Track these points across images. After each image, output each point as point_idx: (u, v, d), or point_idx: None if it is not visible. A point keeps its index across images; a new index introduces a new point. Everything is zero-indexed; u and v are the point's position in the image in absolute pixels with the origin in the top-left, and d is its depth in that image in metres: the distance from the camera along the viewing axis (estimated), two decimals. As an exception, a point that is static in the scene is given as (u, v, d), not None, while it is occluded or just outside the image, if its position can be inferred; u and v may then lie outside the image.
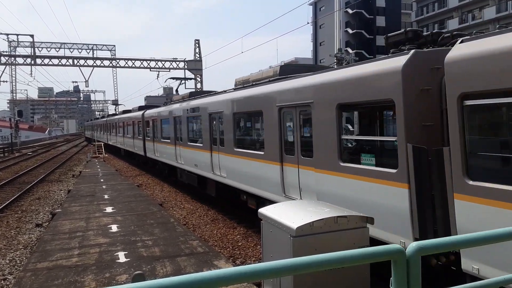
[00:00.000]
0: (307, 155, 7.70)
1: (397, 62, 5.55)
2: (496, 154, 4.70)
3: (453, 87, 4.73)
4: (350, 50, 58.40)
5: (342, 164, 6.63)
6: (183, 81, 22.67)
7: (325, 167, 7.04)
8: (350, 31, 61.03)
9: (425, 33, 6.39)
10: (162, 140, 18.57)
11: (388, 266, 1.91)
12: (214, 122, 12.14)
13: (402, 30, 6.57)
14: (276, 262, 1.71)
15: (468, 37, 5.06)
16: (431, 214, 5.12)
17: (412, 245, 1.82)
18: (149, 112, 21.60)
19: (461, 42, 4.91)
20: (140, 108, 26.46)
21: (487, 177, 4.50)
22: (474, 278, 4.44)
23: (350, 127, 9.76)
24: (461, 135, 4.64)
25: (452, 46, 5.07)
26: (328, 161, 6.96)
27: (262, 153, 9.22)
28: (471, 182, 4.56)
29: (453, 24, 53.55)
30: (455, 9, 54.16)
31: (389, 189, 5.66)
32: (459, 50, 4.77)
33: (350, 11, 60.11)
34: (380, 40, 60.71)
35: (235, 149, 10.60)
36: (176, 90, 21.08)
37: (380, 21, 61.13)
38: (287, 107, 8.21)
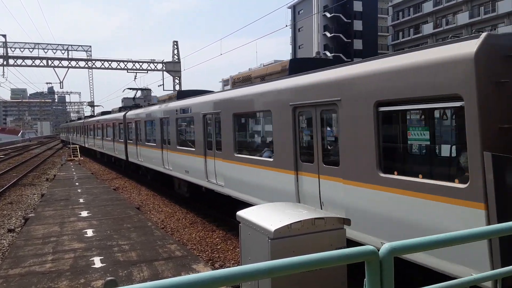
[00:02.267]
0: (331, 162, 6.49)
1: (467, 47, 4.41)
2: None
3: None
4: (328, 54, 59.13)
5: (382, 175, 5.38)
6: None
7: (358, 179, 5.79)
8: (328, 34, 61.76)
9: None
10: (146, 143, 17.37)
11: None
12: (209, 124, 10.94)
13: None
14: (253, 265, 1.71)
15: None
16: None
17: (385, 246, 1.85)
18: (132, 113, 20.02)
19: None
20: (121, 109, 25.10)
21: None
22: (444, 276, 4.54)
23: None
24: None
25: None
26: (362, 170, 5.70)
27: (271, 160, 8.04)
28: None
29: (427, 28, 54.97)
30: (429, 14, 55.59)
31: (455, 209, 4.48)
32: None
33: (328, 14, 60.85)
34: (358, 44, 61.72)
35: (235, 155, 9.39)
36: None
37: (357, 25, 62.10)
38: (304, 106, 7.02)
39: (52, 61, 36.99)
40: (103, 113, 32.54)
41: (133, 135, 19.43)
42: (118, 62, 38.59)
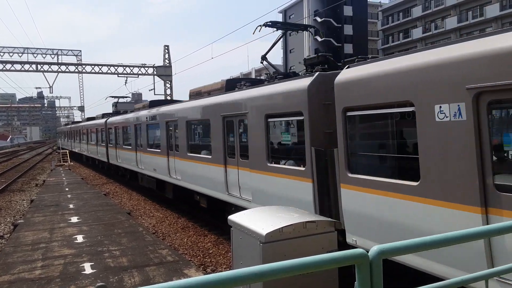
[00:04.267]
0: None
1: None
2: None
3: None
4: (319, 58, 59.38)
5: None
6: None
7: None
8: (319, 39, 62.14)
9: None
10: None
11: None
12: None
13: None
14: (244, 270, 1.71)
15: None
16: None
17: (374, 249, 1.88)
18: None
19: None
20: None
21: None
22: (433, 278, 4.59)
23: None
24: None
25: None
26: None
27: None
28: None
29: (417, 33, 55.61)
30: (419, 19, 56.25)
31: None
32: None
33: (318, 19, 61.27)
34: (348, 48, 62.21)
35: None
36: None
37: (348, 29, 62.61)
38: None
39: (42, 65, 36.68)
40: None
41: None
42: (109, 67, 38.40)
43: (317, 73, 6.83)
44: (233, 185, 9.39)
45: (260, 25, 10.13)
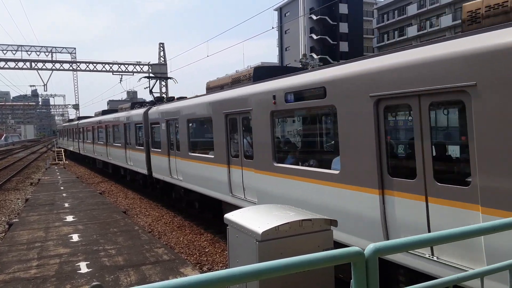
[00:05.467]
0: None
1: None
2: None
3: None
4: (315, 56, 59.49)
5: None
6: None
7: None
8: (314, 36, 62.22)
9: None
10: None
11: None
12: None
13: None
14: (240, 268, 1.71)
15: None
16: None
17: (370, 247, 1.89)
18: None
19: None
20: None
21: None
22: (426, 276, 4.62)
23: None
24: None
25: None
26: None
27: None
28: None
29: (412, 31, 55.77)
30: (414, 17, 56.41)
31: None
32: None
33: (314, 17, 61.30)
34: (344, 46, 62.31)
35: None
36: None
37: (343, 27, 62.70)
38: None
39: (36, 63, 36.45)
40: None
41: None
42: (104, 65, 38.21)
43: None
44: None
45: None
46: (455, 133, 5.50)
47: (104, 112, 25.92)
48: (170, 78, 20.95)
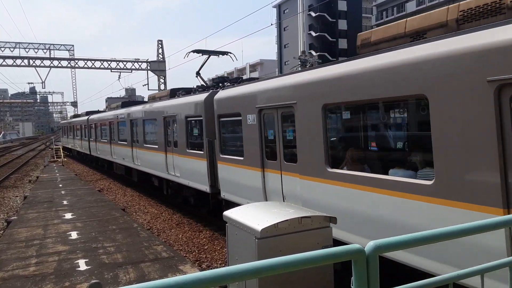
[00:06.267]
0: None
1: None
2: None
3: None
4: (313, 53, 59.44)
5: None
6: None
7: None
8: (313, 33, 62.11)
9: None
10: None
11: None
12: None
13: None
14: (239, 266, 1.70)
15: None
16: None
17: (370, 244, 1.87)
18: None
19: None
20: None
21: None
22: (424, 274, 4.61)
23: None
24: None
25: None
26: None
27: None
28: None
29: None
30: (413, 14, 56.33)
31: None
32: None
33: (313, 14, 61.17)
34: (342, 43, 62.21)
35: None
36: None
37: (342, 24, 62.61)
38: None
39: (34, 60, 36.35)
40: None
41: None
42: (102, 62, 38.11)
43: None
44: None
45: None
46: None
47: (124, 104, 20.21)
48: (228, 53, 13.48)
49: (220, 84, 11.45)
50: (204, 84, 13.21)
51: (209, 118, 10.13)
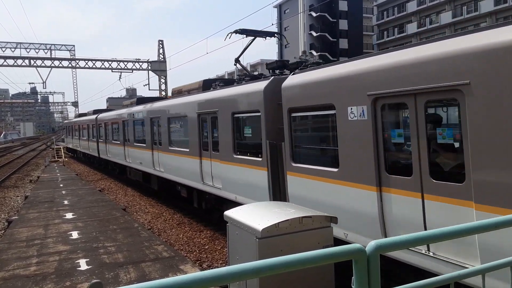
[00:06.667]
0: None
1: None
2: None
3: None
4: (314, 53, 59.41)
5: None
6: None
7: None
8: (314, 33, 62.05)
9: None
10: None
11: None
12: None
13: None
14: (240, 266, 1.70)
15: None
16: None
17: (371, 244, 1.87)
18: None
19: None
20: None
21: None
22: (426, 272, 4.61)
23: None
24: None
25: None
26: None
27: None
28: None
29: (411, 28, 55.64)
30: (413, 14, 56.28)
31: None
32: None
33: (313, 14, 61.11)
34: (343, 43, 62.16)
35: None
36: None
37: (343, 24, 62.54)
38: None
39: (35, 60, 36.38)
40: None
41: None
42: (103, 62, 38.14)
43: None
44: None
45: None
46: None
47: (141, 101, 17.23)
48: (276, 33, 11.63)
49: (277, 71, 9.10)
50: (247, 73, 11.28)
51: (270, 113, 7.73)
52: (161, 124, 13.30)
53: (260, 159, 7.96)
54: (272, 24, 24.76)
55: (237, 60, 11.05)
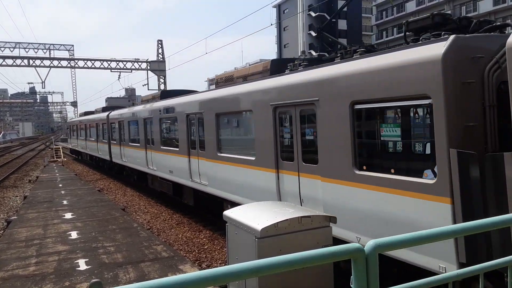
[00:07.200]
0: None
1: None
2: None
3: None
4: (313, 53, 59.43)
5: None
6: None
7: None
8: (313, 33, 62.08)
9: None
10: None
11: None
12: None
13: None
14: (239, 265, 1.70)
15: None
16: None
17: (370, 243, 1.88)
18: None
19: None
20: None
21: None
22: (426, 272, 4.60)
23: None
24: None
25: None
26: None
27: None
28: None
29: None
30: (413, 14, 56.33)
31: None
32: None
33: (313, 14, 61.16)
34: (342, 43, 62.14)
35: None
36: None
37: (342, 24, 62.58)
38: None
39: (34, 60, 36.33)
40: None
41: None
42: (102, 62, 38.09)
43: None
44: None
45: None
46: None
47: (166, 95, 14.52)
48: None
49: (422, 35, 5.66)
50: (339, 44, 9.20)
51: (455, 100, 4.48)
52: (206, 123, 10.08)
53: (431, 181, 4.65)
54: (272, 24, 24.77)
55: (320, 30, 9.14)
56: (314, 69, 6.67)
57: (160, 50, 40.44)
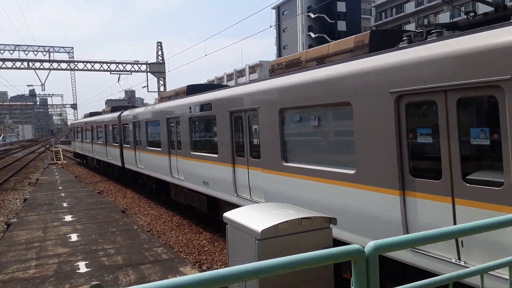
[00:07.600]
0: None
1: None
2: None
3: None
4: (312, 54, 59.37)
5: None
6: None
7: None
8: (312, 35, 62.16)
9: None
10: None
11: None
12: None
13: None
14: (240, 267, 1.70)
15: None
16: None
17: (370, 245, 1.88)
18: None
19: None
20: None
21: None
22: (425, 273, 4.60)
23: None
24: None
25: None
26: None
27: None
28: None
29: (410, 29, 55.70)
30: (412, 15, 56.39)
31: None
32: None
33: (312, 15, 61.24)
34: (341, 44, 62.13)
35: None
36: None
37: (341, 25, 62.67)
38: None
39: (33, 63, 36.32)
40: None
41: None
42: (101, 64, 38.11)
43: None
44: None
45: None
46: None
47: (193, 90, 12.23)
48: None
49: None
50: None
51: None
52: (263, 123, 7.75)
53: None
54: (271, 26, 24.79)
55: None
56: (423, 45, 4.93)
57: (159, 52, 40.48)
